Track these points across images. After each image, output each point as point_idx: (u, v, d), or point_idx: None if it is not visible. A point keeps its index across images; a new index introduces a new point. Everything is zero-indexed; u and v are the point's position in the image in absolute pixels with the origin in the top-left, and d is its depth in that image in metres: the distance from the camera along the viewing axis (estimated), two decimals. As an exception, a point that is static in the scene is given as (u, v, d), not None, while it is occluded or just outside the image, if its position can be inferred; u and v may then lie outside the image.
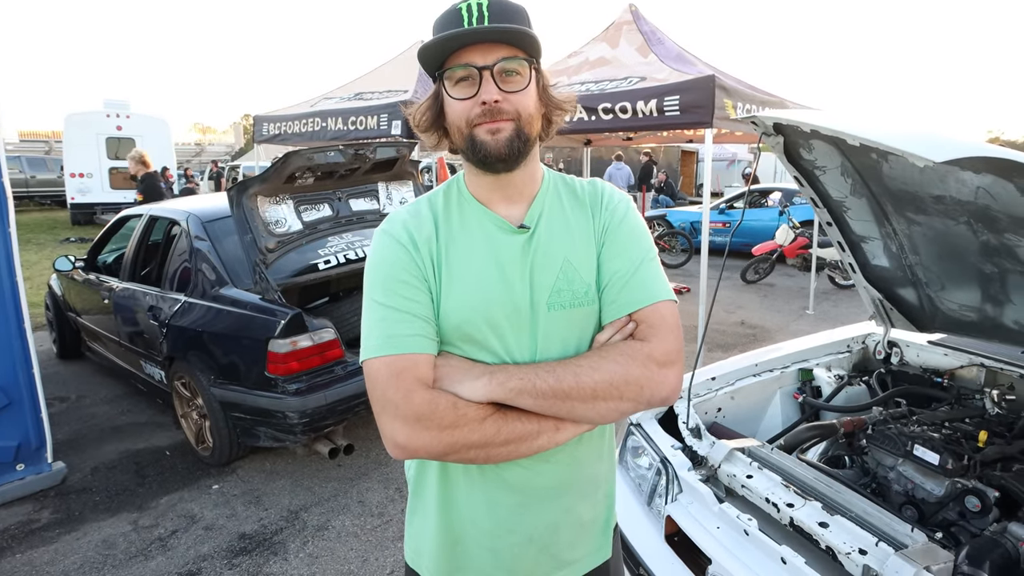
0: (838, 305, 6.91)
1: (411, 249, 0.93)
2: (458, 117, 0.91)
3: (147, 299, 3.61)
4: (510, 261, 0.95)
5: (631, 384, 0.91)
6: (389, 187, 3.67)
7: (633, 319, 0.96)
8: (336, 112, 7.00)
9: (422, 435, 0.86)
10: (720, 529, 1.59)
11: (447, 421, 0.86)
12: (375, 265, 0.95)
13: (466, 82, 0.89)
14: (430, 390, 0.88)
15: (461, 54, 0.88)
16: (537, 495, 1.00)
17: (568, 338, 0.97)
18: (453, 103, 0.91)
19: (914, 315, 2.19)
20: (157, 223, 4.02)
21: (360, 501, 2.99)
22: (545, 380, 0.89)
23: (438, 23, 0.91)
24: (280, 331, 2.83)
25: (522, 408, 0.89)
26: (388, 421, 0.87)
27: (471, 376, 0.90)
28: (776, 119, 1.72)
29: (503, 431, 0.88)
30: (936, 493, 1.64)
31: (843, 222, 2.09)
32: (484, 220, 0.97)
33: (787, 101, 5.66)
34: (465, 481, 0.98)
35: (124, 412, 4.11)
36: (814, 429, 1.91)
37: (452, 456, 0.89)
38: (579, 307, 0.96)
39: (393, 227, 0.96)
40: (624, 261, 0.98)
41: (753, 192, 10.24)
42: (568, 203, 1.02)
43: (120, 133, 13.96)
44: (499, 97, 0.88)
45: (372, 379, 0.89)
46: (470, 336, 0.93)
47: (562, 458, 0.99)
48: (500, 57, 0.88)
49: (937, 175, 1.49)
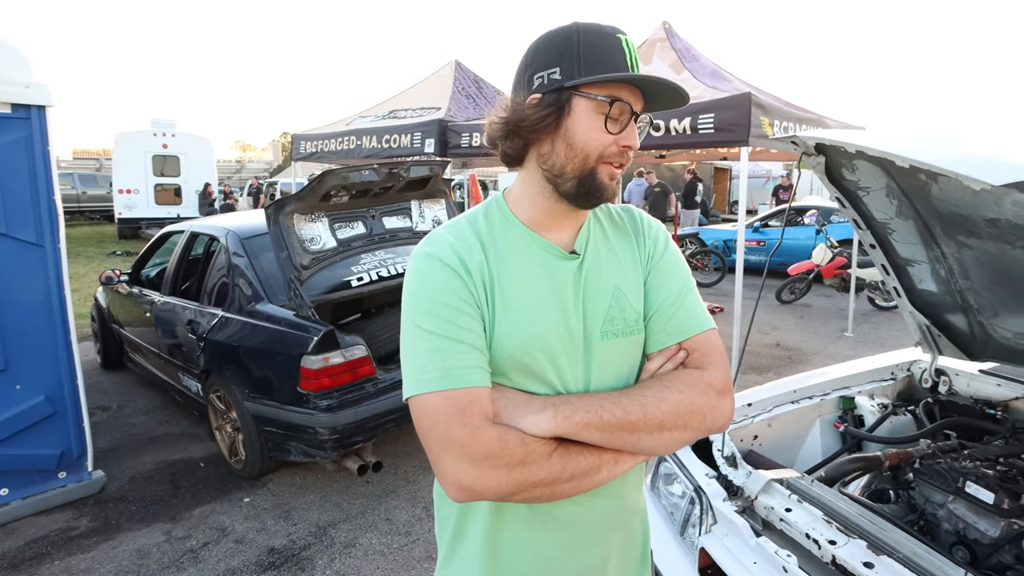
0: (878, 328, 6.68)
1: (463, 275, 0.86)
2: (594, 147, 0.86)
3: (186, 313, 3.70)
4: (564, 288, 0.91)
5: (695, 413, 0.90)
6: (422, 205, 3.71)
7: (683, 347, 0.95)
8: (371, 131, 7.14)
9: (490, 475, 0.80)
10: (757, 564, 1.52)
11: (516, 459, 0.81)
12: (422, 290, 0.87)
13: (615, 120, 0.86)
14: (497, 426, 0.82)
15: (619, 89, 0.85)
16: (585, 532, 0.96)
17: (621, 367, 0.95)
18: (597, 132, 0.86)
19: (964, 342, 2.09)
20: (198, 239, 4.14)
21: (388, 519, 2.98)
22: (612, 412, 0.85)
23: (591, 39, 0.85)
24: (313, 347, 2.86)
25: (584, 442, 0.86)
26: (452, 462, 0.80)
27: (532, 409, 0.85)
28: (818, 139, 1.67)
29: (568, 467, 0.84)
30: (990, 534, 1.55)
31: (888, 244, 2.02)
32: (532, 245, 0.92)
33: (825, 118, 5.55)
34: (512, 521, 0.93)
35: (162, 423, 4.21)
36: (857, 461, 1.83)
37: (518, 495, 0.83)
38: (630, 335, 0.95)
39: (440, 251, 0.88)
40: (671, 290, 0.97)
41: (789, 210, 10.03)
42: (609, 229, 1.00)
43: (166, 151, 14.55)
44: (637, 145, 0.89)
45: (431, 416, 0.81)
46: (525, 366, 0.88)
47: (612, 491, 0.96)
48: (643, 107, 0.89)
49: (992, 197, 1.42)
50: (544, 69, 0.86)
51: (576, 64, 0.84)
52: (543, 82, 0.86)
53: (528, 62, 0.89)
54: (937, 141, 1.35)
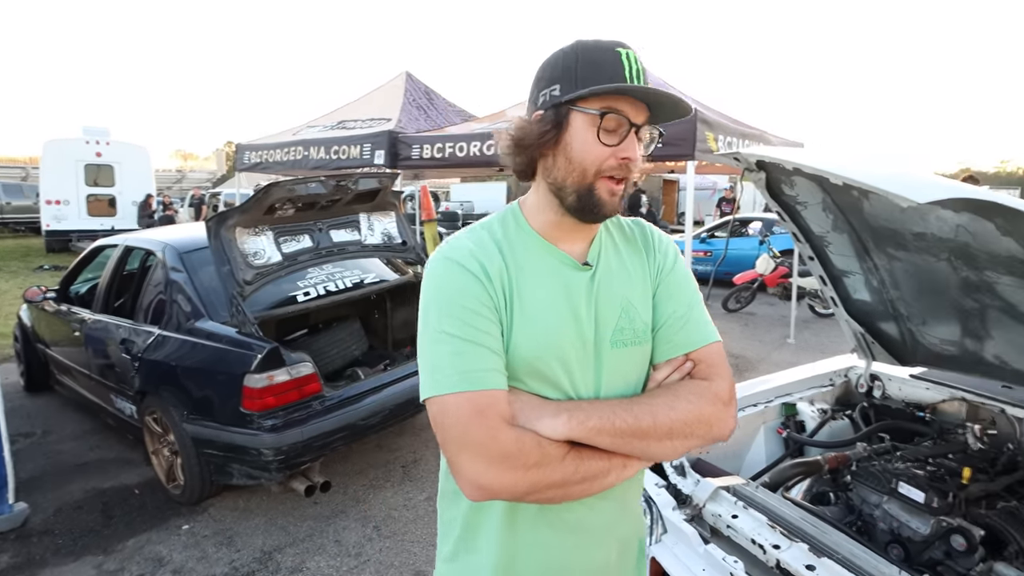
0: (818, 334, 6.98)
1: (484, 280, 0.89)
2: (591, 161, 0.88)
3: (120, 331, 3.51)
4: (577, 297, 0.95)
5: (702, 422, 0.93)
6: (371, 218, 3.65)
7: (690, 359, 0.99)
8: (319, 141, 7.00)
9: (506, 475, 0.83)
10: (706, 572, 1.55)
11: (532, 460, 0.84)
12: (443, 293, 0.90)
13: (612, 132, 0.87)
14: (514, 428, 0.85)
15: (616, 100, 0.86)
16: (590, 534, 0.99)
17: (629, 375, 0.98)
18: (591, 144, 0.87)
19: (895, 349, 2.20)
20: (132, 253, 3.94)
21: (337, 541, 2.89)
22: (624, 419, 0.88)
23: (590, 54, 0.87)
24: (256, 365, 2.76)
25: (596, 446, 0.89)
26: (469, 461, 0.83)
27: (548, 413, 0.88)
28: (759, 156, 1.74)
29: (580, 470, 0.87)
30: (922, 532, 1.62)
31: (824, 256, 2.10)
32: (547, 255, 0.96)
33: (768, 134, 5.79)
34: (523, 523, 0.96)
35: (92, 448, 3.96)
36: (799, 466, 1.89)
37: (532, 496, 0.86)
38: (638, 345, 0.98)
39: (461, 255, 0.91)
40: (679, 303, 1.01)
41: (734, 221, 10.39)
42: (620, 242, 1.03)
43: (99, 160, 13.81)
44: (637, 157, 0.89)
45: (450, 416, 0.84)
46: (540, 372, 0.91)
47: (616, 494, 0.99)
48: (646, 119, 0.89)
49: (918, 213, 1.51)
50: (547, 87, 0.90)
51: (574, 80, 0.87)
52: (546, 99, 0.90)
53: (536, 81, 0.93)
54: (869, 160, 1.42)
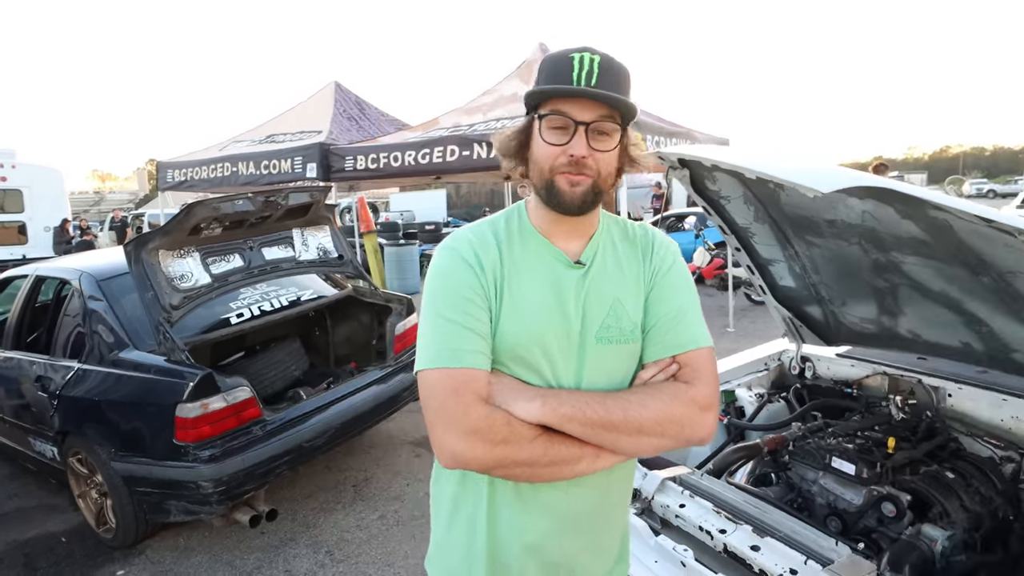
0: (756, 322, 7.27)
1: (477, 270, 0.98)
2: (544, 160, 0.95)
3: (34, 368, 3.25)
4: (566, 292, 1.00)
5: (674, 423, 0.95)
6: (304, 233, 3.54)
7: (676, 361, 1.01)
8: (247, 156, 6.77)
9: (475, 447, 0.90)
10: (658, 563, 1.58)
11: (500, 437, 0.90)
12: (440, 280, 0.99)
13: (560, 130, 0.93)
14: (487, 405, 0.92)
15: (561, 102, 0.93)
16: (567, 520, 1.02)
17: (613, 371, 1.02)
18: (543, 145, 0.95)
19: (821, 330, 2.31)
20: (45, 283, 3.67)
21: (287, 570, 2.77)
22: (595, 411, 0.93)
23: (549, 63, 0.96)
24: (188, 394, 2.61)
25: (567, 433, 0.93)
26: (443, 432, 0.91)
27: (524, 397, 0.93)
28: (680, 154, 1.79)
29: (549, 453, 0.92)
30: (855, 502, 1.71)
31: (750, 246, 2.19)
32: (544, 252, 1.02)
33: (694, 132, 6.00)
34: (501, 500, 1.01)
35: (11, 496, 3.66)
36: (740, 451, 1.95)
37: (499, 471, 0.93)
38: (625, 343, 1.01)
39: (460, 246, 1.01)
40: (671, 305, 1.04)
41: (669, 217, 10.72)
42: (620, 244, 1.07)
43: (5, 184, 12.83)
44: (587, 154, 0.93)
45: (430, 389, 0.93)
46: (522, 358, 0.97)
47: (596, 482, 1.02)
48: (597, 116, 0.92)
49: (828, 202, 1.59)
50: (528, 101, 0.99)
51: (535, 88, 0.96)
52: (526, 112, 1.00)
53: None
54: (780, 153, 1.49)
